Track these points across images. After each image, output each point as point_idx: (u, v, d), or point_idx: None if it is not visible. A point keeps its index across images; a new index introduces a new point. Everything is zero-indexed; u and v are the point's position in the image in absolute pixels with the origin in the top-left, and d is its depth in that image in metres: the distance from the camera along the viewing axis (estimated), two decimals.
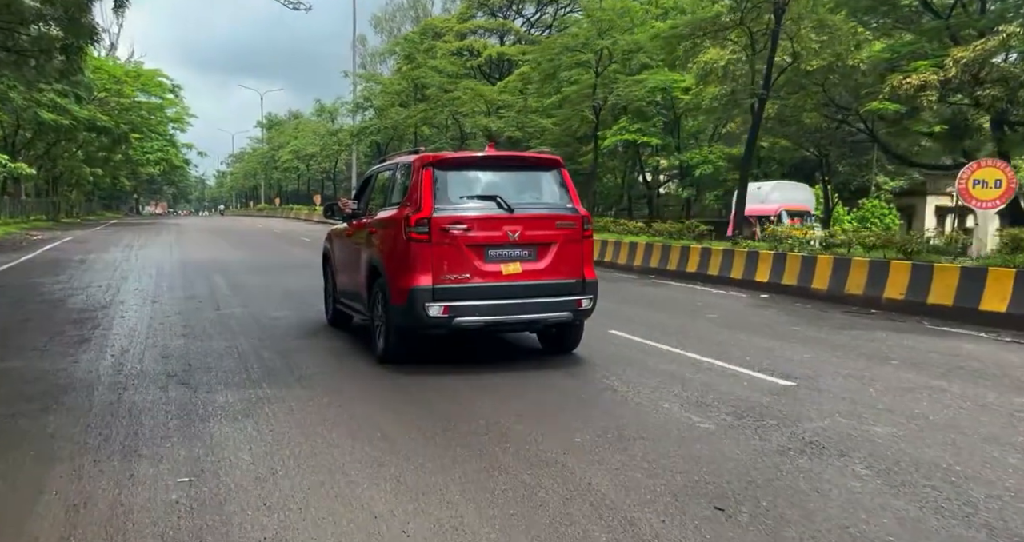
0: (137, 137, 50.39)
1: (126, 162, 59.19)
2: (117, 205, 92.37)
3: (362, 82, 45.22)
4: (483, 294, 6.25)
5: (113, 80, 39.86)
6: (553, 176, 6.80)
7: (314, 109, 55.01)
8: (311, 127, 58.13)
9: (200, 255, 20.72)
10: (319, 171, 62.81)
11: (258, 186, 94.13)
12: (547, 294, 6.43)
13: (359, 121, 42.86)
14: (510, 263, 6.30)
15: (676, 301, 12.06)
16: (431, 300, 6.13)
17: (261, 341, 7.99)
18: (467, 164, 6.77)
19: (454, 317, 6.19)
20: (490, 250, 6.29)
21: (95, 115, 35.22)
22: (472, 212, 6.33)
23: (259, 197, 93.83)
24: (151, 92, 44.56)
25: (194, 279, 14.29)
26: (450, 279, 6.17)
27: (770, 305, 11.63)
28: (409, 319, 6.27)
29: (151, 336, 8.29)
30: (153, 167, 62.25)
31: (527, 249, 6.37)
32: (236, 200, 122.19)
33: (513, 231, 6.29)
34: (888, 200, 33.43)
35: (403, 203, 6.59)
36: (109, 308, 10.37)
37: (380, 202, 7.45)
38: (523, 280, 6.34)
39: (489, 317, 6.29)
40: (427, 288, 6.12)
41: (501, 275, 6.28)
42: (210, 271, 15.84)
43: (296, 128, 64.79)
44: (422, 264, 6.16)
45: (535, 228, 6.40)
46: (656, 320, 9.73)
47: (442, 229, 6.17)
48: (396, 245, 6.43)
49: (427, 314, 6.13)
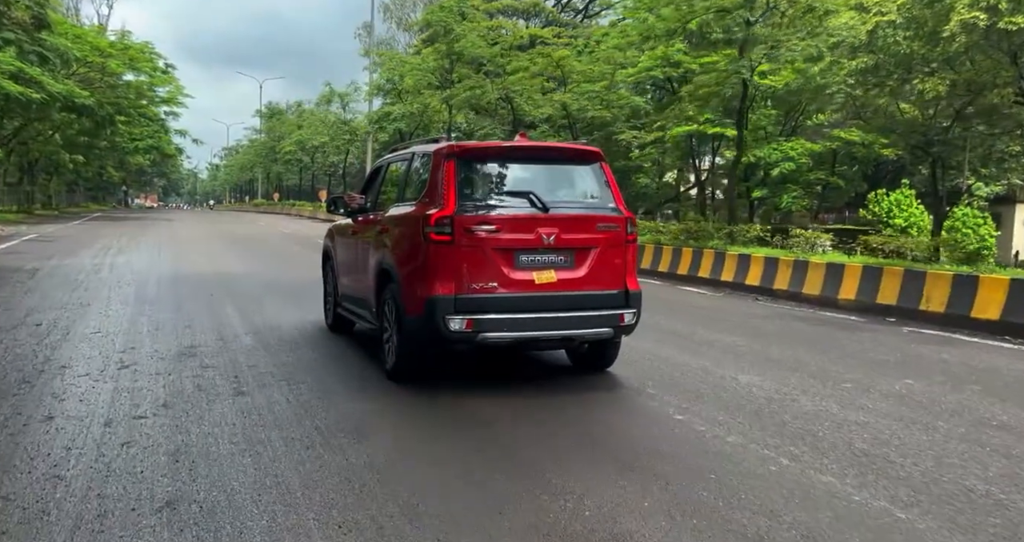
0: (124, 121, 45.16)
1: (112, 150, 54.03)
2: (104, 197, 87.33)
3: (379, 64, 40.22)
4: (512, 306, 5.40)
5: (96, 52, 34.56)
6: (593, 171, 5.96)
7: (321, 96, 49.65)
8: (318, 116, 52.81)
9: (197, 264, 15.67)
10: (325, 166, 57.66)
11: (255, 180, 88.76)
12: (585, 307, 5.61)
13: (378, 107, 37.82)
14: (544, 270, 5.49)
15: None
16: (452, 312, 5.27)
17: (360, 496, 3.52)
18: (496, 155, 5.93)
19: (479, 332, 5.30)
20: (521, 255, 5.45)
21: (72, 90, 29.95)
22: (501, 211, 5.48)
23: (255, 191, 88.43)
24: (140, 69, 39.25)
25: (192, 310, 9.28)
26: (475, 288, 5.34)
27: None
28: (426, 333, 5.40)
29: (104, 512, 3.34)
30: (142, 156, 56.96)
31: (563, 255, 5.56)
32: (231, 194, 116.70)
33: (548, 234, 5.46)
34: (981, 208, 28.78)
35: (421, 198, 5.76)
36: (35, 385, 5.42)
37: (393, 196, 6.61)
38: (558, 290, 5.52)
39: (519, 333, 5.41)
40: (448, 298, 5.29)
41: (533, 284, 5.45)
42: (215, 294, 10.84)
43: (300, 117, 59.44)
44: (443, 270, 5.33)
45: (573, 230, 5.58)
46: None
47: (467, 230, 5.32)
48: (412, 247, 5.61)
49: (447, 328, 5.26)
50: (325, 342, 7.49)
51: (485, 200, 5.55)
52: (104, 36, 37.98)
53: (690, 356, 7.24)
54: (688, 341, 8.10)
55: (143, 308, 9.31)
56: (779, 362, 7.13)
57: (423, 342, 5.55)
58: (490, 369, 6.52)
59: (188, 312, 9.10)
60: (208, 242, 23.14)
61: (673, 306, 11.18)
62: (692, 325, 9.27)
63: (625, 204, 5.99)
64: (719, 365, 6.87)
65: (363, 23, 57.10)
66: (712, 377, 6.37)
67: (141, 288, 11.32)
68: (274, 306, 9.82)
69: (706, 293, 13.32)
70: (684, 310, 10.91)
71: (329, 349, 7.17)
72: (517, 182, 5.72)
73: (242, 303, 9.95)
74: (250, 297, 10.62)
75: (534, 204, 5.53)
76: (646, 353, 7.18)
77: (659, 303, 10.84)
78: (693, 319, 9.90)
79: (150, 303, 9.79)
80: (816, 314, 10.82)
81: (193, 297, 10.43)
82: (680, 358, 7.12)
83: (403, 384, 5.74)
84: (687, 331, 8.76)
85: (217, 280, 12.61)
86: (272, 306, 9.81)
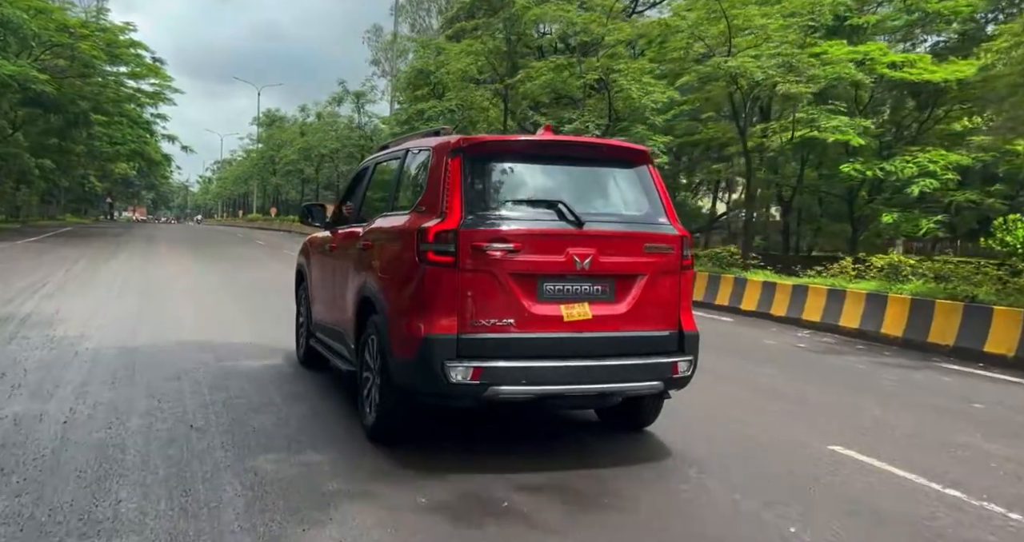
0: (103, 121, 38.83)
1: (92, 156, 47.57)
2: (86, 209, 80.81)
3: (405, 52, 34.09)
4: (534, 350, 4.18)
5: (64, 33, 28.22)
6: (639, 175, 4.72)
7: (332, 97, 43.21)
8: (326, 120, 46.28)
9: (177, 321, 9.33)
10: (332, 177, 51.13)
11: (250, 193, 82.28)
12: (629, 352, 4.37)
13: (398, 110, 31.57)
14: (576, 304, 4.25)
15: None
16: (454, 357, 4.05)
17: None
18: (516, 152, 4.63)
19: (488, 385, 4.06)
20: (546, 283, 4.23)
21: (26, 72, 23.58)
22: (521, 224, 4.25)
23: (250, 206, 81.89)
24: (121, 57, 32.95)
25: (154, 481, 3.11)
26: (484, 326, 4.11)
27: None
28: (419, 383, 4.21)
29: None
30: (126, 162, 50.52)
31: (601, 283, 4.33)
32: (223, 208, 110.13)
33: (582, 256, 4.24)
34: None
35: (416, 207, 4.52)
36: None
37: (380, 204, 5.34)
38: (594, 331, 4.28)
39: (541, 387, 4.18)
40: (448, 338, 4.07)
41: (561, 322, 4.21)
42: (209, 430, 4.51)
43: (304, 123, 52.99)
44: (442, 301, 4.11)
45: (615, 252, 4.37)
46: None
47: (475, 248, 4.11)
48: (403, 269, 4.38)
49: (447, 378, 4.03)
50: None
51: (500, 210, 4.29)
52: (74, 15, 31.57)
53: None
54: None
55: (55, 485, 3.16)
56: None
57: (414, 395, 4.30)
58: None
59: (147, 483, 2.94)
60: (192, 269, 16.81)
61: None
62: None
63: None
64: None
65: (372, 26, 50.61)
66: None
67: (57, 385, 4.92)
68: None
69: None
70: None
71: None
72: (542, 187, 4.51)
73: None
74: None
75: (564, 217, 4.29)
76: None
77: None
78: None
79: (69, 461, 3.50)
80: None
81: (162, 433, 4.17)
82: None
83: (385, 447, 4.46)
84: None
85: (216, 376, 6.27)
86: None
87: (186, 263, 19.23)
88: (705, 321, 9.88)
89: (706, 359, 5.00)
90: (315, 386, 6.13)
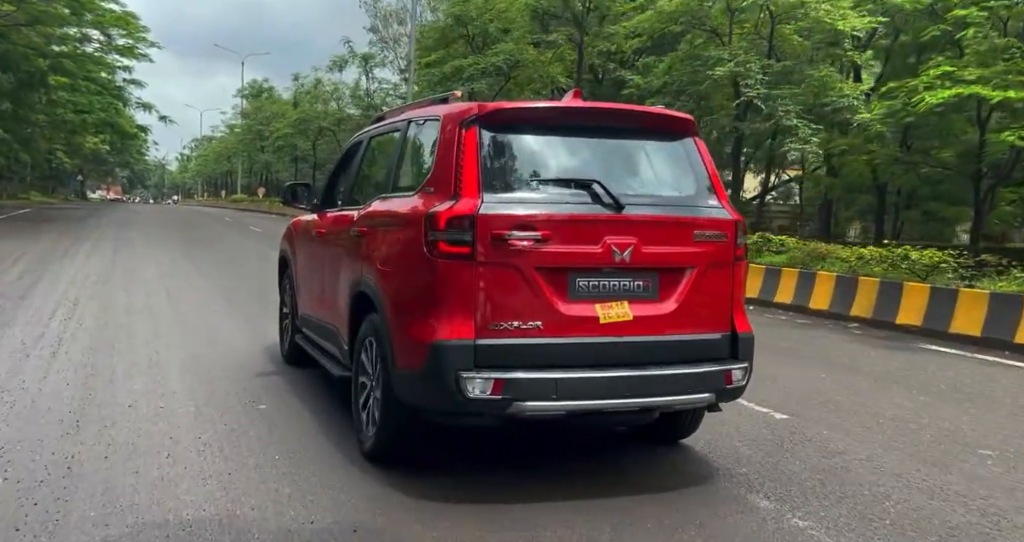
0: (65, 83, 32.91)
1: (54, 126, 41.53)
2: (54, 187, 74.57)
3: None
4: (565, 359, 3.57)
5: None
6: (684, 148, 4.06)
7: (333, 61, 37.24)
8: (325, 89, 40.32)
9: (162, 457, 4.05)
10: (331, 155, 45.25)
11: (233, 172, 76.03)
12: (675, 360, 3.76)
13: (426, 70, 25.94)
14: (614, 303, 3.65)
15: None
16: (471, 367, 3.43)
17: None
18: (540, 121, 3.92)
19: (512, 400, 3.44)
20: (579, 278, 3.62)
21: None
22: (550, 208, 3.62)
23: (234, 185, 75.65)
24: (85, 5, 27.02)
25: None
26: (506, 330, 3.49)
27: None
28: (428, 398, 3.61)
29: None
30: (95, 134, 44.39)
31: (644, 278, 3.72)
32: (204, 188, 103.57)
33: (622, 245, 3.62)
34: None
35: (423, 187, 3.85)
36: None
37: (377, 184, 4.70)
38: (636, 335, 3.67)
39: (574, 402, 3.57)
40: (464, 345, 3.44)
41: (597, 325, 3.61)
42: None
43: (298, 93, 46.77)
44: (457, 300, 3.49)
45: (659, 241, 3.74)
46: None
47: (496, 238, 3.48)
48: (408, 262, 3.76)
49: (463, 392, 3.41)
50: None
51: (524, 191, 3.70)
52: None
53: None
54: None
55: None
56: None
57: (422, 411, 3.69)
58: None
59: None
60: (181, 263, 11.41)
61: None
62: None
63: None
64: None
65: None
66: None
67: None
68: None
69: None
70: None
71: None
72: (573, 164, 3.87)
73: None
74: None
75: (600, 199, 3.65)
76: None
77: None
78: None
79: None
80: None
81: None
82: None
83: (384, 466, 3.86)
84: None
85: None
86: None
87: (171, 266, 13.78)
88: None
89: None
90: None
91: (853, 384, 6.68)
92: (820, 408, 5.69)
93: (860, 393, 6.31)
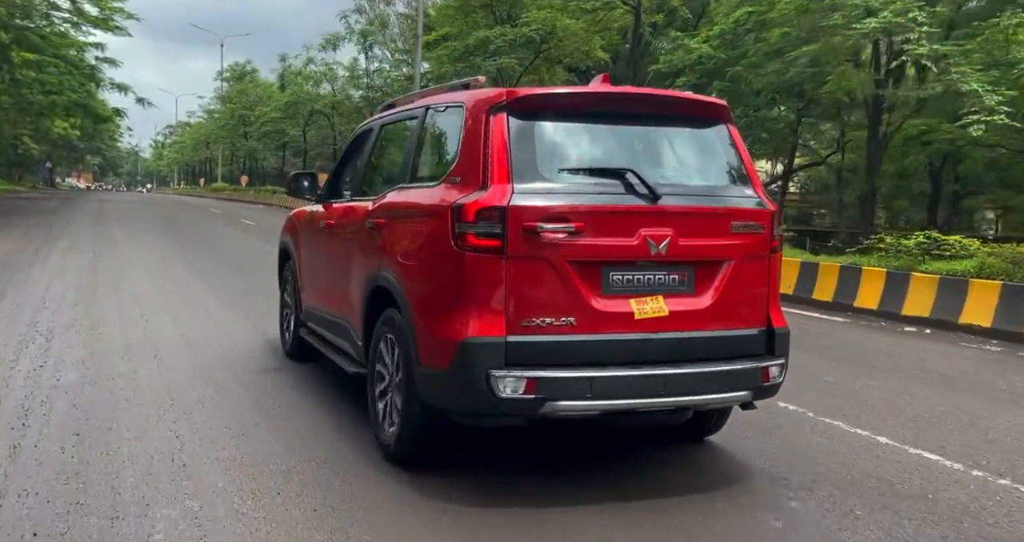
0: (31, 60, 29.78)
1: (19, 108, 38.20)
2: (20, 175, 70.85)
3: None
4: (599, 356, 3.45)
5: None
6: (718, 135, 3.93)
7: (326, 39, 34.03)
8: (318, 70, 37.21)
9: None
10: (323, 141, 42.24)
11: (212, 159, 72.45)
12: (711, 357, 3.65)
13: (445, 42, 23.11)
14: (649, 298, 3.53)
15: None
16: (502, 365, 3.29)
17: None
18: (571, 108, 3.78)
19: (545, 400, 3.32)
20: (613, 272, 3.49)
21: None
22: (583, 199, 3.48)
23: (214, 174, 72.08)
24: None
25: None
26: (538, 326, 3.37)
27: None
28: (456, 399, 3.47)
29: None
30: (64, 118, 40.94)
31: (680, 272, 3.61)
32: (180, 176, 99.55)
33: (658, 238, 3.49)
34: None
35: (447, 178, 3.69)
36: None
37: (391, 174, 4.53)
38: (671, 331, 3.55)
39: (608, 402, 3.45)
40: (495, 342, 3.31)
41: (632, 321, 3.49)
42: None
43: (286, 73, 43.57)
44: (486, 296, 3.34)
45: (696, 233, 3.62)
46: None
47: (528, 231, 3.35)
48: (433, 256, 3.60)
49: (494, 392, 3.27)
50: None
51: (555, 181, 3.52)
52: None
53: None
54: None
55: None
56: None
57: (448, 412, 3.57)
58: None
59: None
60: (185, 305, 8.81)
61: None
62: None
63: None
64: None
65: None
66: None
67: None
68: None
69: None
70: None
71: None
72: (605, 152, 3.72)
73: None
74: None
75: (635, 189, 3.51)
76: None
77: None
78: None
79: None
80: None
81: None
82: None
83: (405, 468, 3.77)
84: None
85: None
86: None
87: (165, 272, 11.10)
88: None
89: None
90: None
91: None
92: None
93: None
